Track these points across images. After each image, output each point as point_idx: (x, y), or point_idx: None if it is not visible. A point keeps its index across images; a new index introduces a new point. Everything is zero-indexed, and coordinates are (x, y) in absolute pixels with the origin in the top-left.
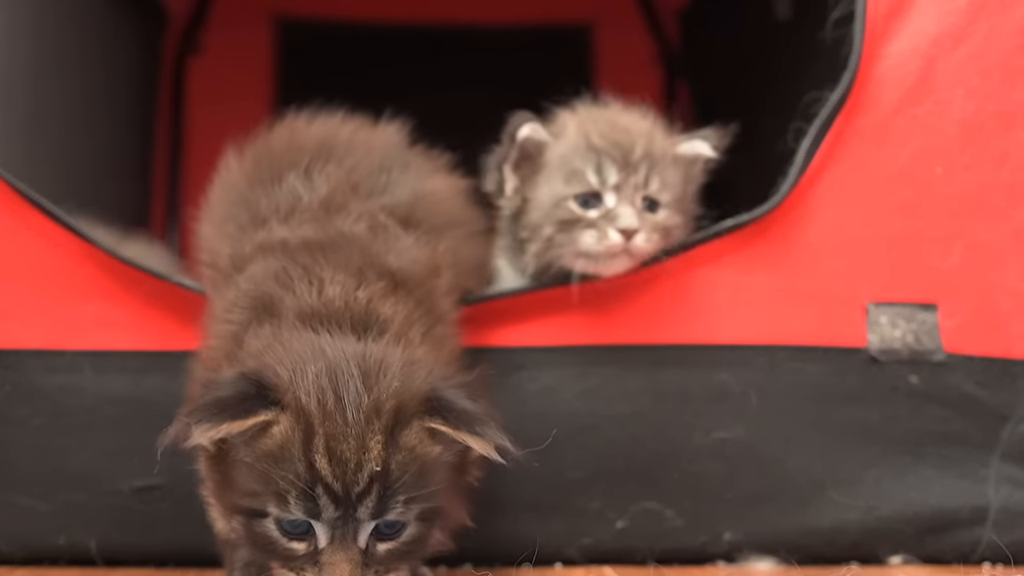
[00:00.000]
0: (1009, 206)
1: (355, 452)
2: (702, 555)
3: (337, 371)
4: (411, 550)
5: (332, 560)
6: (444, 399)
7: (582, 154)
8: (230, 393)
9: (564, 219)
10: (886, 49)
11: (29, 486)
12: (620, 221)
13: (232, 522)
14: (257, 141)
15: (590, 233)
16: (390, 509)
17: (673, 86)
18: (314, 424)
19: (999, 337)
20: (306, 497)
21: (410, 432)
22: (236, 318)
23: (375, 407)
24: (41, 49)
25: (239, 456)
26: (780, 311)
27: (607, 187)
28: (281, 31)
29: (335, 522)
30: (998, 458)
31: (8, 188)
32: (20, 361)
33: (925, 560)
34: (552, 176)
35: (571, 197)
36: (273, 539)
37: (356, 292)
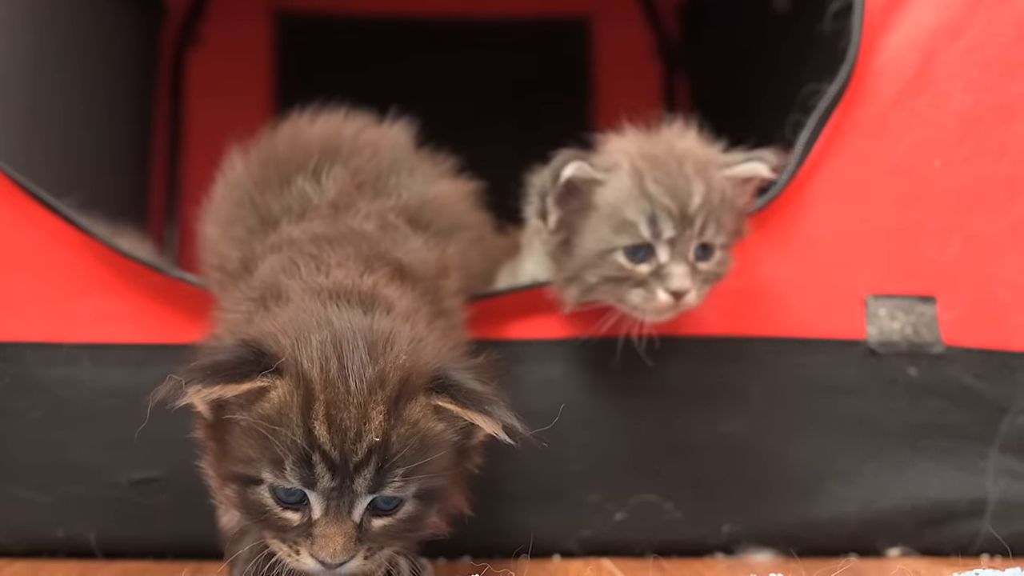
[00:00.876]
0: (1008, 199)
1: (355, 421)
2: (701, 547)
3: (342, 340)
4: (407, 528)
5: (325, 532)
6: (452, 378)
7: (635, 203)
8: (227, 357)
9: (611, 274)
10: (884, 41)
11: (28, 478)
12: (672, 282)
13: (226, 490)
14: (262, 141)
15: (638, 292)
16: (388, 483)
17: (672, 79)
18: (314, 390)
19: (997, 329)
20: (302, 464)
21: (414, 406)
22: (244, 308)
23: (379, 378)
24: (39, 42)
25: (235, 421)
26: (779, 303)
27: (661, 241)
28: (280, 23)
29: (330, 493)
30: (996, 450)
31: (8, 181)
32: (19, 353)
33: (923, 552)
34: (601, 222)
35: (620, 249)
36: (267, 507)
37: (362, 276)
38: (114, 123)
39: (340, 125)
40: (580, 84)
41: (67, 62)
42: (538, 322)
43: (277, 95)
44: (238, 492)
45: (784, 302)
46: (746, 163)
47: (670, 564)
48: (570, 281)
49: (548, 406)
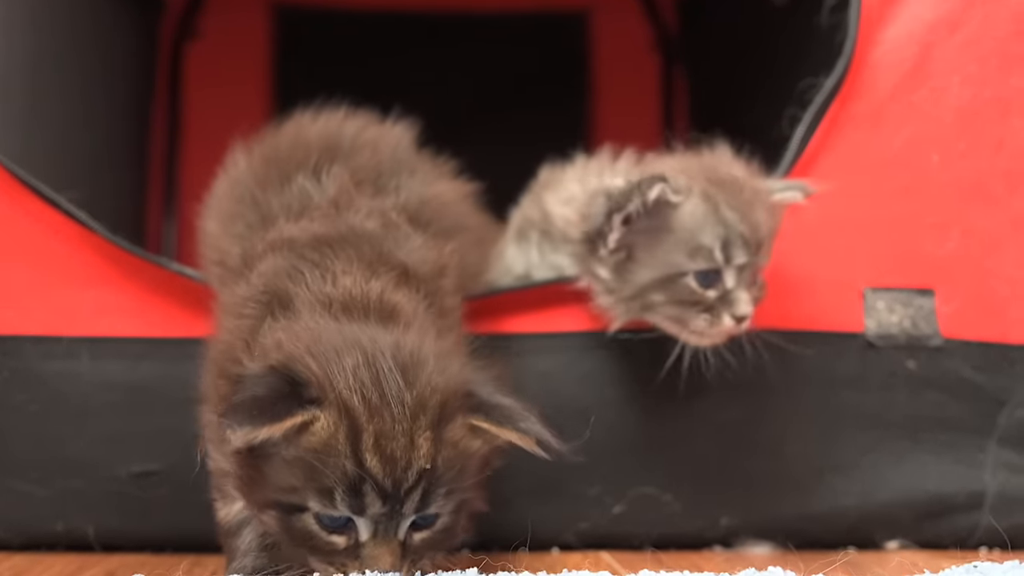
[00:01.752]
0: (1006, 193)
1: (404, 449)
2: (699, 540)
3: (375, 364)
4: (443, 538)
5: (374, 553)
6: (482, 396)
7: (711, 228)
8: (265, 392)
9: (681, 297)
10: (882, 35)
11: (26, 472)
12: (738, 308)
13: (264, 516)
14: (265, 139)
15: (704, 317)
16: (432, 503)
17: (670, 73)
18: (361, 421)
19: (996, 322)
20: (352, 494)
21: (454, 427)
22: (250, 312)
23: (420, 403)
24: (38, 39)
25: (275, 452)
26: (777, 296)
27: (731, 266)
28: (278, 17)
29: (379, 517)
30: (995, 443)
31: (7, 174)
32: (18, 347)
33: (922, 545)
34: (674, 246)
35: (692, 273)
36: (312, 533)
37: (369, 283)
38: (112, 118)
39: (342, 124)
40: (578, 78)
41: (66, 58)
42: (535, 317)
43: (275, 89)
44: (279, 519)
45: (782, 295)
46: (786, 191)
47: (668, 557)
48: (630, 300)
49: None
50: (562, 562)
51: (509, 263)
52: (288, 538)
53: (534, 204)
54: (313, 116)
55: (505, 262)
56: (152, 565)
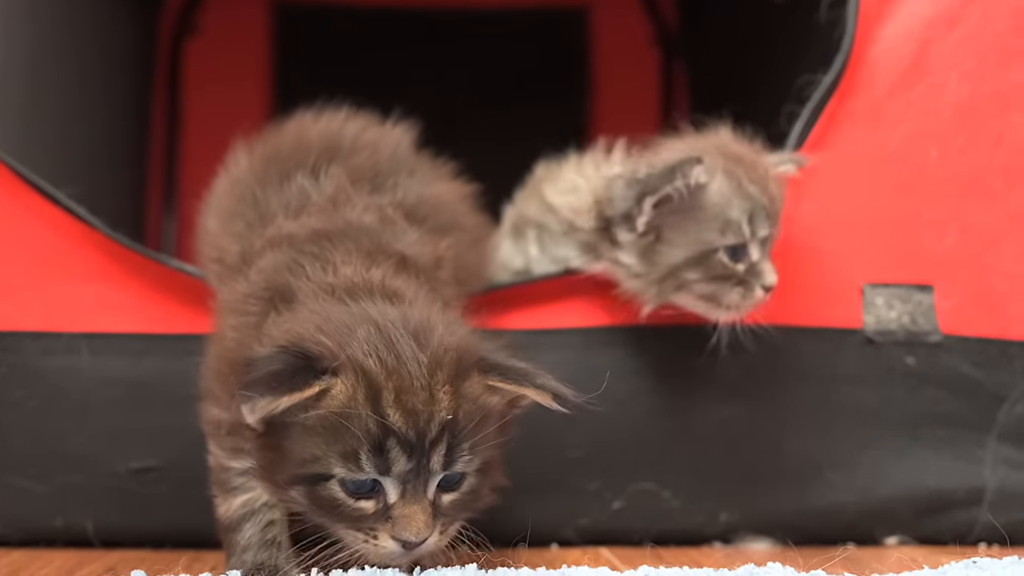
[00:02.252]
0: (1005, 188)
1: (426, 403)
2: (699, 536)
3: (387, 330)
4: (470, 500)
5: (405, 512)
6: (495, 357)
7: (738, 203)
8: (280, 366)
9: (714, 272)
10: (880, 31)
11: (26, 468)
12: (766, 278)
13: (291, 492)
14: (267, 138)
15: (737, 290)
16: (458, 458)
17: (670, 68)
18: (379, 381)
19: (995, 318)
20: (377, 452)
21: (471, 383)
22: (254, 308)
23: (435, 361)
24: (37, 34)
25: (295, 423)
26: (776, 292)
27: (755, 239)
28: (278, 13)
29: (406, 475)
30: (995, 439)
31: (7, 170)
32: (17, 343)
33: (921, 541)
34: (705, 223)
35: (723, 249)
36: (339, 501)
37: (369, 271)
38: (112, 114)
39: (342, 124)
40: (578, 73)
41: (64, 54)
42: (536, 312)
43: (275, 85)
44: (306, 492)
45: (781, 290)
46: (785, 164)
47: (667, 552)
48: (662, 282)
49: None
50: (561, 558)
51: (505, 259)
52: (316, 511)
53: (531, 199)
54: (315, 116)
55: (501, 258)
56: (151, 561)
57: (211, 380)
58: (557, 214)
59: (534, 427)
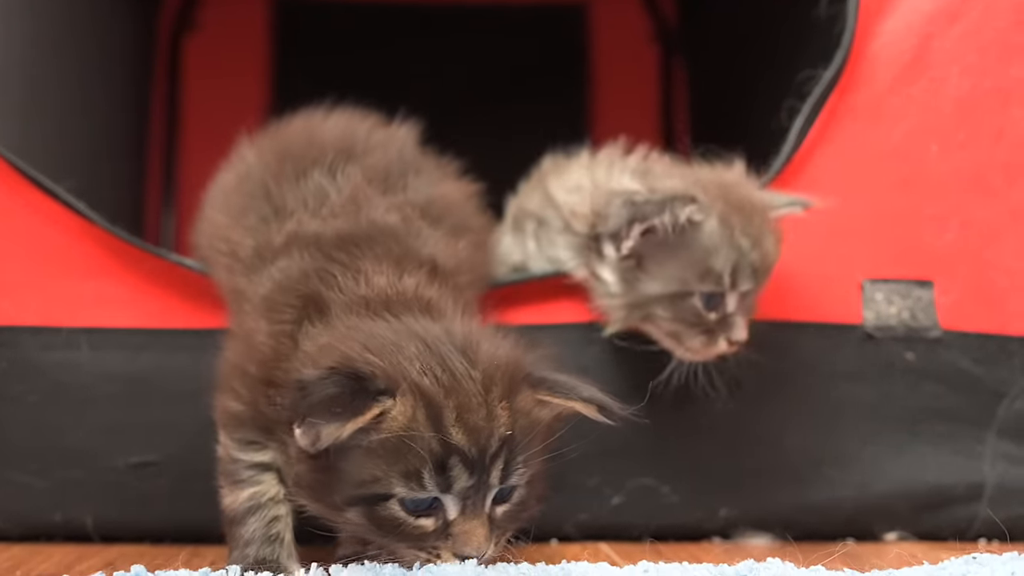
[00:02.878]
0: (1005, 184)
1: (486, 420)
2: (698, 531)
3: (436, 347)
4: (520, 511)
5: (466, 528)
6: (541, 371)
7: (725, 253)
8: (337, 390)
9: (684, 315)
10: (880, 27)
11: (25, 463)
12: (735, 333)
13: (347, 514)
14: (275, 134)
15: (701, 338)
16: (513, 472)
17: (670, 64)
18: (439, 399)
19: (995, 314)
20: (439, 471)
21: (523, 398)
22: (287, 316)
23: (489, 377)
24: (37, 29)
25: (354, 446)
26: (775, 288)
27: (735, 292)
28: (276, 8)
29: (467, 491)
30: (994, 435)
31: (6, 165)
32: (16, 338)
33: (921, 536)
34: (687, 264)
35: (699, 295)
36: (400, 520)
37: (402, 280)
38: (111, 109)
39: (354, 125)
40: (577, 69)
41: (64, 48)
42: (535, 308)
43: (274, 80)
44: (364, 513)
45: (781, 286)
46: (788, 207)
47: (667, 548)
48: (632, 308)
49: None
50: (561, 553)
51: (505, 252)
52: (376, 530)
53: (533, 193)
54: (322, 115)
55: (501, 251)
56: (151, 556)
57: (232, 375)
58: (558, 210)
59: None
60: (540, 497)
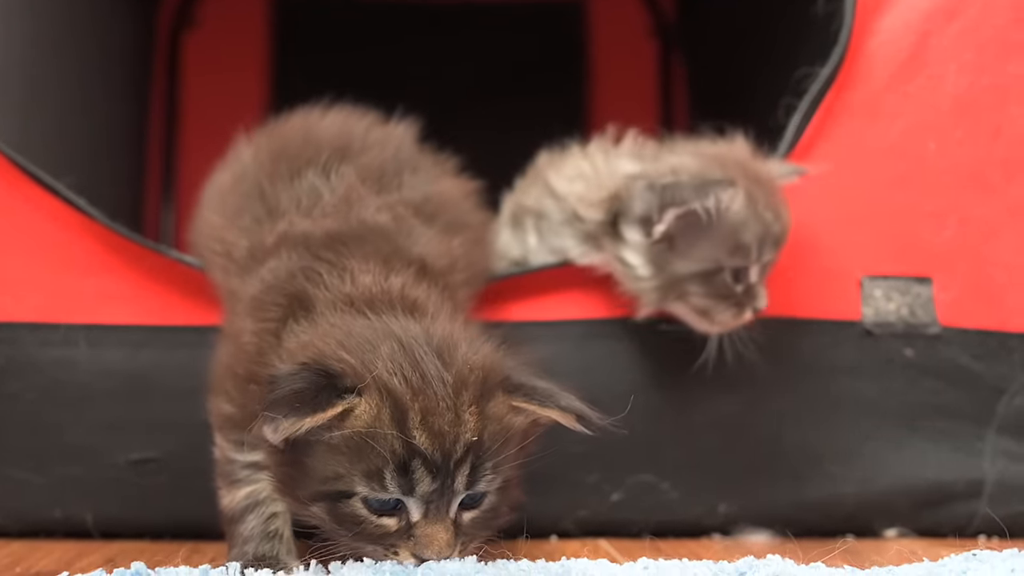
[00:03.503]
0: (1003, 180)
1: (452, 424)
2: (697, 528)
3: (411, 348)
4: (490, 518)
5: (428, 532)
6: (520, 377)
7: (751, 226)
8: (303, 385)
9: (715, 290)
10: (878, 24)
11: (24, 460)
12: (760, 301)
13: (312, 509)
14: (271, 133)
15: (731, 310)
16: (480, 478)
17: (668, 59)
18: (404, 401)
19: (995, 310)
20: (401, 472)
21: (496, 403)
22: (272, 315)
23: (461, 381)
24: (36, 26)
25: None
26: (774, 284)
27: (759, 263)
28: (276, 4)
29: (430, 495)
30: (994, 431)
31: (6, 161)
32: (15, 334)
33: (921, 533)
34: (718, 242)
35: (728, 269)
36: (362, 518)
37: (388, 279)
38: (111, 106)
39: (351, 123)
40: (576, 64)
41: (64, 45)
42: (535, 304)
43: (274, 77)
44: (328, 509)
45: (780, 283)
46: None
47: (666, 544)
48: (665, 289)
49: None
50: (561, 550)
51: (503, 248)
52: (338, 527)
53: (531, 188)
54: (320, 113)
55: (500, 246)
56: (151, 552)
57: (224, 377)
58: (561, 202)
59: None
60: (514, 504)
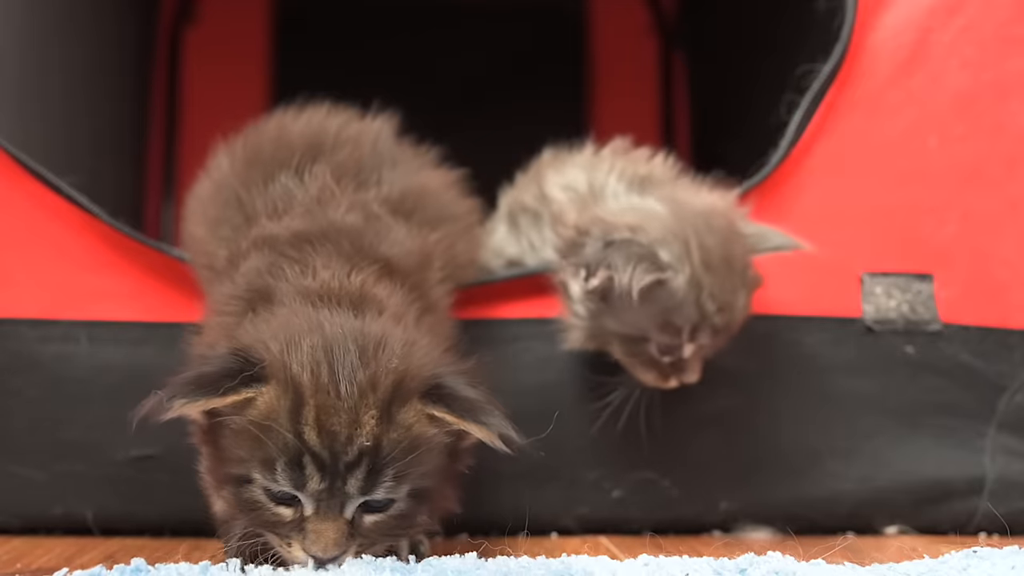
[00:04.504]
0: (1004, 177)
1: (346, 426)
2: (698, 525)
3: (334, 344)
4: (397, 525)
5: (317, 528)
6: (446, 385)
7: (687, 312)
8: (212, 369)
9: (639, 356)
10: (880, 20)
11: (25, 456)
12: (687, 376)
13: (223, 492)
14: (247, 139)
15: (652, 375)
16: (379, 485)
17: (669, 56)
18: (304, 395)
19: (996, 307)
20: (293, 466)
21: (408, 410)
22: (234, 308)
23: (371, 382)
24: (37, 22)
25: (227, 424)
26: (775, 281)
27: (693, 343)
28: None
29: (320, 494)
30: (995, 428)
31: (8, 157)
32: (15, 330)
33: (921, 530)
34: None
35: (656, 343)
36: (260, 504)
37: (349, 276)
38: (111, 102)
39: (324, 121)
40: (577, 61)
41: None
42: (534, 302)
43: (275, 72)
44: (233, 492)
45: (780, 280)
46: (775, 248)
47: (667, 541)
48: (591, 335)
49: (544, 384)
50: (561, 546)
51: (500, 245)
52: (241, 510)
53: (530, 186)
54: (295, 114)
55: (495, 243)
56: (151, 549)
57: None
58: (549, 206)
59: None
60: (443, 513)
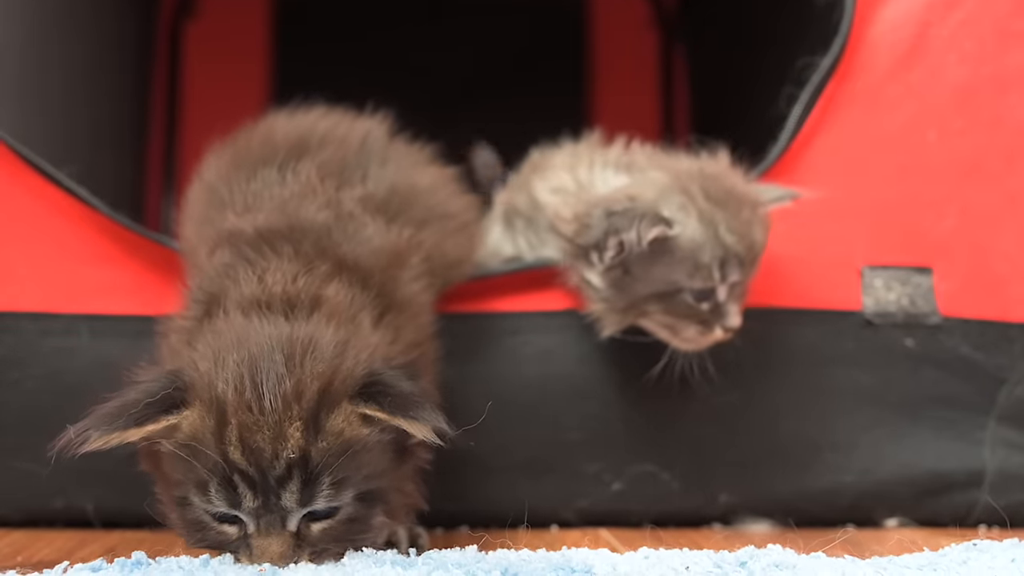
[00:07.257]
0: (1004, 170)
1: (270, 441)
2: (698, 517)
3: (259, 357)
4: (350, 529)
5: (260, 544)
6: (380, 382)
7: (711, 249)
8: (136, 396)
9: (677, 309)
10: (879, 14)
11: (25, 449)
12: (729, 320)
13: (173, 515)
14: (238, 140)
15: (696, 328)
16: (317, 495)
17: (669, 49)
18: (227, 414)
19: (995, 300)
20: (225, 487)
21: (337, 415)
22: (191, 314)
23: (296, 392)
24: (37, 15)
25: (162, 449)
26: (774, 274)
27: (726, 283)
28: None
29: (256, 511)
30: (995, 421)
31: (8, 150)
32: (16, 323)
33: (921, 523)
34: (674, 265)
35: (688, 290)
36: (205, 524)
37: (295, 280)
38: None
39: (313, 121)
40: (577, 55)
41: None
42: (534, 296)
43: (275, 66)
44: (179, 514)
45: (780, 273)
46: (778, 201)
47: (667, 534)
48: (626, 310)
49: (544, 377)
50: (561, 539)
51: (496, 245)
52: (189, 532)
53: (521, 190)
54: (288, 115)
55: (491, 244)
56: (151, 542)
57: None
58: (543, 211)
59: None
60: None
